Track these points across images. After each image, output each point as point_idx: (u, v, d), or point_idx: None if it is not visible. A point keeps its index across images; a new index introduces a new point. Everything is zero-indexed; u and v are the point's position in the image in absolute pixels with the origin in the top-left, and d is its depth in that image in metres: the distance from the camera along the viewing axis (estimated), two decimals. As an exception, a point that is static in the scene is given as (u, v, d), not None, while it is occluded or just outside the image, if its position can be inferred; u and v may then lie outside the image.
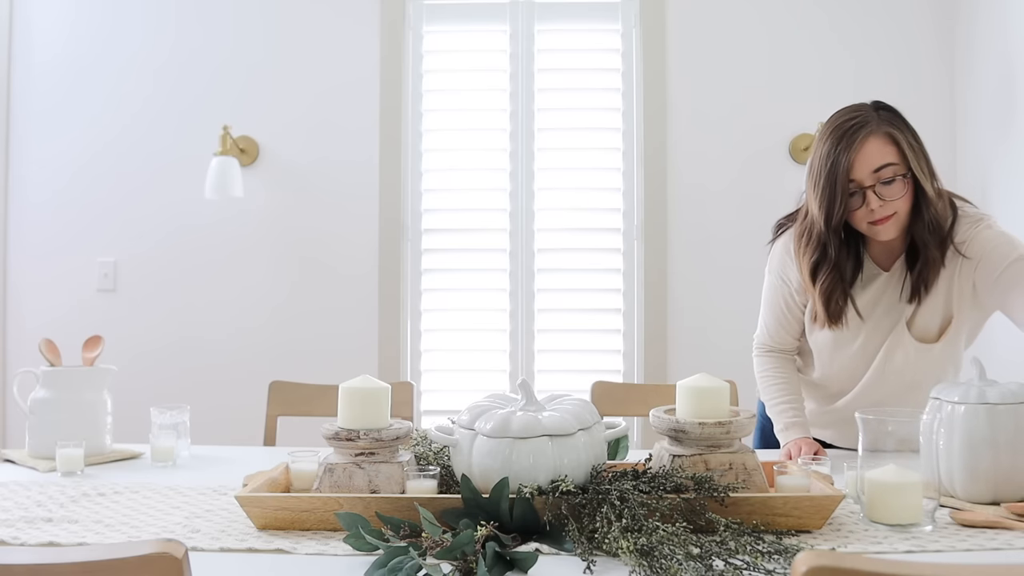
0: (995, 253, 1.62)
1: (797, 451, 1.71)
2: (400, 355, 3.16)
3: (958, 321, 1.70)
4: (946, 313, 1.69)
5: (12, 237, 3.25)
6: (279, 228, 3.20)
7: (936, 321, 1.70)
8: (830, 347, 1.79)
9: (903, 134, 1.62)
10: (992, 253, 1.63)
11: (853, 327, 1.73)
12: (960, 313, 1.69)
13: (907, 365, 1.72)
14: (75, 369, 1.91)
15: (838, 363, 1.80)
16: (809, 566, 0.74)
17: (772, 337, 1.90)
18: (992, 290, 1.64)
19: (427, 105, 3.19)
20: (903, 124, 1.64)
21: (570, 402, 1.41)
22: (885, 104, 1.67)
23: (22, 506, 1.45)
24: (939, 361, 1.73)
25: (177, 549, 0.81)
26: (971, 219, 1.69)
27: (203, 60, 3.22)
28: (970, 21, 3.01)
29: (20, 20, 3.26)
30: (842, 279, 1.70)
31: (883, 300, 1.73)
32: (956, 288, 1.67)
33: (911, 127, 1.65)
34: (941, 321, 1.70)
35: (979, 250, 1.64)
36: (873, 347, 1.74)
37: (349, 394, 1.40)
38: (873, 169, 1.60)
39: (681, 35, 3.16)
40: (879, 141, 1.61)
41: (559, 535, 1.21)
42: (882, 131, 1.61)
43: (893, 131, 1.61)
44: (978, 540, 1.22)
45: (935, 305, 1.69)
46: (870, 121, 1.62)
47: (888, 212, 1.62)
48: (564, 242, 3.16)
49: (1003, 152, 2.79)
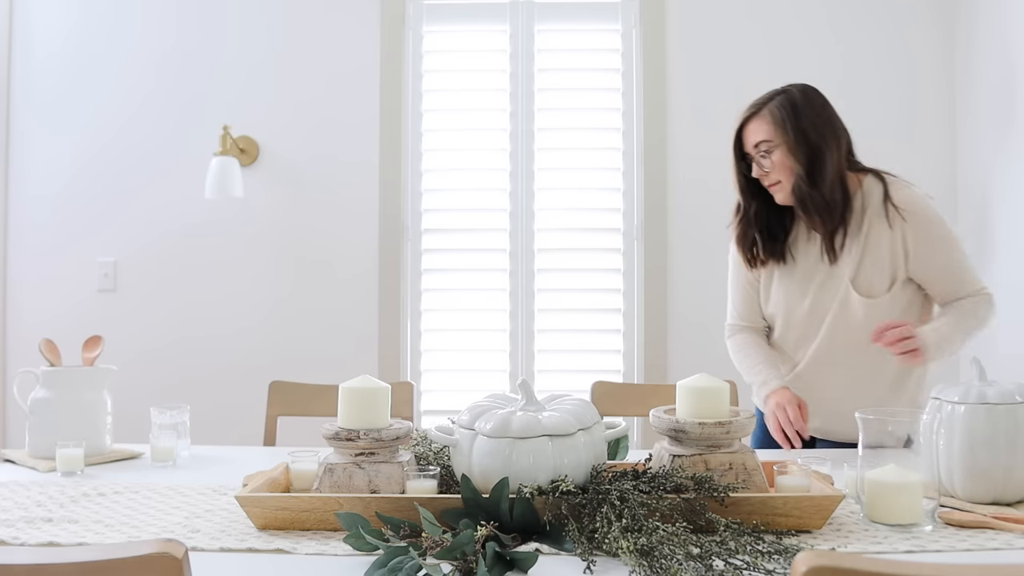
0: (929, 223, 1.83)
1: (776, 405, 1.84)
2: (400, 355, 3.16)
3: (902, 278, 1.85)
4: (892, 271, 1.85)
5: (12, 237, 3.25)
6: (279, 228, 3.20)
7: (880, 278, 1.85)
8: (784, 310, 1.96)
9: (789, 117, 1.84)
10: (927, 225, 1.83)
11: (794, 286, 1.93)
12: (900, 270, 1.85)
13: (857, 321, 1.86)
14: (75, 369, 1.91)
15: (795, 323, 1.95)
16: (809, 566, 0.74)
17: (741, 316, 2.06)
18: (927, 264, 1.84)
19: (427, 105, 3.19)
20: (797, 111, 1.85)
21: (570, 402, 1.41)
22: (799, 89, 1.89)
23: (22, 506, 1.45)
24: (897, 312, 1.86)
25: (177, 549, 0.81)
26: (901, 184, 1.91)
27: (203, 60, 3.22)
28: (970, 21, 3.01)
29: (20, 19, 3.26)
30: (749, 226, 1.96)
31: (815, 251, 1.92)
32: (899, 246, 1.84)
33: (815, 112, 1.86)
34: (886, 278, 1.85)
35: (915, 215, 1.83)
36: (823, 306, 1.90)
37: (349, 394, 1.41)
38: (753, 144, 1.88)
39: (681, 35, 3.16)
40: (760, 121, 1.87)
41: (559, 535, 1.21)
42: (766, 112, 1.87)
43: (779, 115, 1.85)
44: (978, 540, 1.22)
45: (879, 263, 1.85)
46: (764, 103, 1.88)
47: (772, 180, 1.88)
48: (564, 242, 3.16)
49: (1003, 152, 2.79)
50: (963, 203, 3.07)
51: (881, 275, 1.85)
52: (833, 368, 1.91)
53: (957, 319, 1.83)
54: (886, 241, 1.84)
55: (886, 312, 1.85)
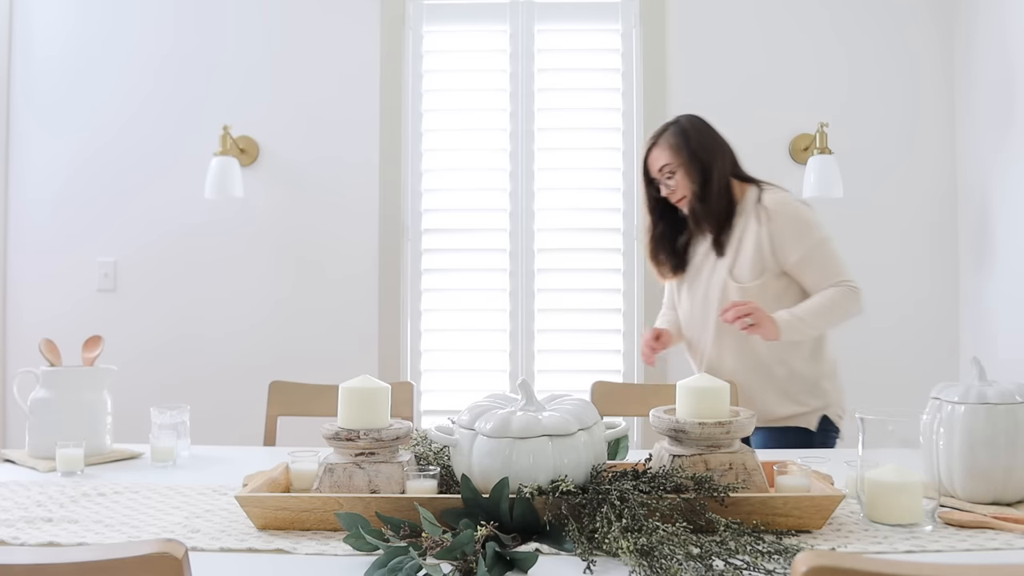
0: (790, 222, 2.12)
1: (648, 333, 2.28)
2: (400, 355, 3.16)
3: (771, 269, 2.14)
4: (760, 261, 2.14)
5: (12, 237, 3.25)
6: (279, 228, 3.20)
7: (751, 268, 2.15)
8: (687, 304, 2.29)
9: (683, 144, 2.17)
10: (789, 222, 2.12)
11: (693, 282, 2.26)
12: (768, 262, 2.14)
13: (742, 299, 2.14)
14: (75, 369, 1.91)
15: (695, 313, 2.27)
16: (809, 566, 0.74)
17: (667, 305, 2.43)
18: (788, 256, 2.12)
19: (427, 105, 3.19)
20: (687, 136, 2.18)
21: (570, 402, 1.41)
22: (687, 119, 2.22)
23: (22, 506, 1.45)
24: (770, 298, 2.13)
25: (177, 549, 0.81)
26: (774, 190, 2.20)
27: (203, 60, 3.22)
28: (970, 21, 3.01)
29: (20, 19, 3.26)
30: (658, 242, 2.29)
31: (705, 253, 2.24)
32: (765, 240, 2.13)
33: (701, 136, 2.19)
34: (756, 268, 2.14)
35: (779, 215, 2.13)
36: (712, 295, 2.21)
37: (349, 394, 1.41)
38: (657, 168, 2.21)
39: (681, 35, 3.16)
40: (660, 149, 2.20)
41: (559, 535, 1.21)
42: (664, 142, 2.20)
43: (673, 141, 2.18)
44: (978, 540, 1.22)
45: (749, 254, 2.15)
46: (660, 134, 2.22)
47: (677, 196, 2.21)
48: (564, 242, 3.16)
49: (1003, 152, 2.79)
50: (963, 203, 3.07)
51: (751, 265, 2.15)
52: (727, 351, 2.20)
53: (815, 302, 2.11)
54: (754, 236, 2.15)
55: (758, 297, 2.12)
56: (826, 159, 2.95)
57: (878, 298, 3.13)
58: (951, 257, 3.11)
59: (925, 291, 3.12)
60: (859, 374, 3.11)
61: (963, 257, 3.07)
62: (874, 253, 3.12)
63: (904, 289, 3.12)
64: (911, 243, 3.12)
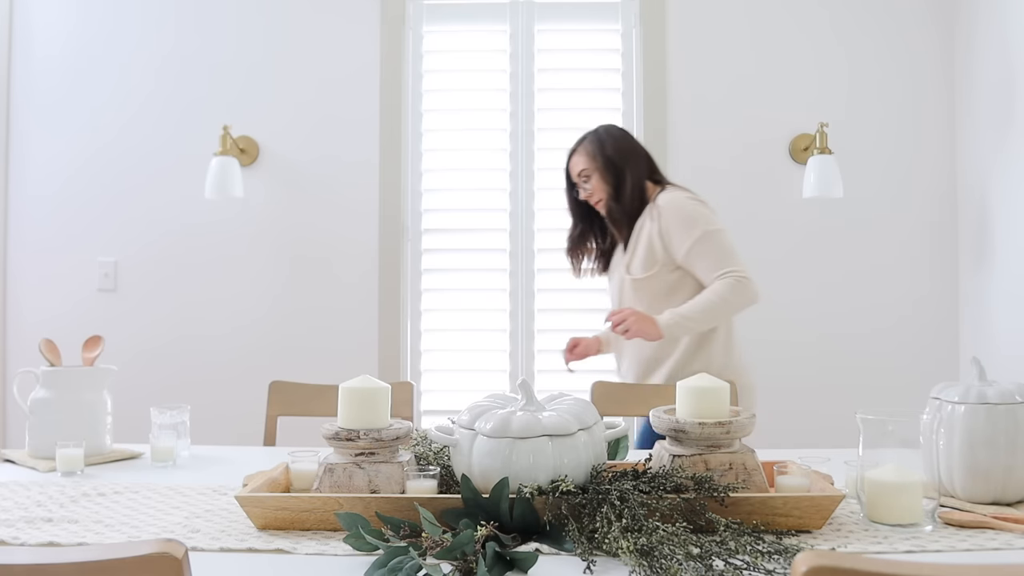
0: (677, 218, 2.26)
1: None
2: (400, 355, 3.16)
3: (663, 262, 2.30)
4: (653, 256, 2.30)
5: (12, 237, 3.25)
6: (279, 228, 3.20)
7: (644, 262, 2.32)
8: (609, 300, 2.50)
9: (599, 151, 2.36)
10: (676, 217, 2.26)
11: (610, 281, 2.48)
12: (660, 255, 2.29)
13: (630, 298, 2.36)
14: (75, 369, 1.91)
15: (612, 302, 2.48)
16: (809, 566, 0.74)
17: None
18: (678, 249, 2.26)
19: (427, 105, 3.19)
20: (603, 143, 2.36)
21: (570, 402, 1.41)
22: (604, 128, 2.41)
23: (22, 506, 1.45)
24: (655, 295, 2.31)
25: (177, 549, 0.81)
26: (672, 189, 2.35)
27: (203, 60, 3.22)
28: (970, 21, 3.01)
29: (20, 18, 3.26)
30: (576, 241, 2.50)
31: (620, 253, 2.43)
32: (656, 236, 2.29)
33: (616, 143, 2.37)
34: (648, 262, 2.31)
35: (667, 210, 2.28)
36: (615, 289, 2.44)
37: (349, 394, 1.40)
38: (576, 173, 2.40)
39: (681, 35, 3.16)
40: (578, 155, 2.40)
41: (559, 535, 1.21)
42: (583, 149, 2.39)
43: (590, 149, 2.37)
44: (978, 540, 1.22)
45: (643, 249, 2.32)
46: (580, 142, 2.41)
47: (594, 199, 2.39)
48: (564, 242, 3.15)
49: (1003, 152, 2.79)
50: (963, 203, 3.07)
51: (644, 260, 2.32)
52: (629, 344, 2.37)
53: (700, 298, 2.23)
54: (647, 233, 2.31)
55: (650, 290, 2.31)
56: (826, 159, 2.95)
57: (878, 298, 3.13)
58: (951, 257, 3.11)
59: (925, 291, 3.12)
60: (859, 374, 3.11)
61: (963, 257, 3.07)
62: (874, 253, 3.12)
63: (904, 289, 3.12)
64: (911, 243, 3.12)
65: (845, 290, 3.12)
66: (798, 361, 3.11)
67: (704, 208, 2.32)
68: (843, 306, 3.12)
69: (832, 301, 3.12)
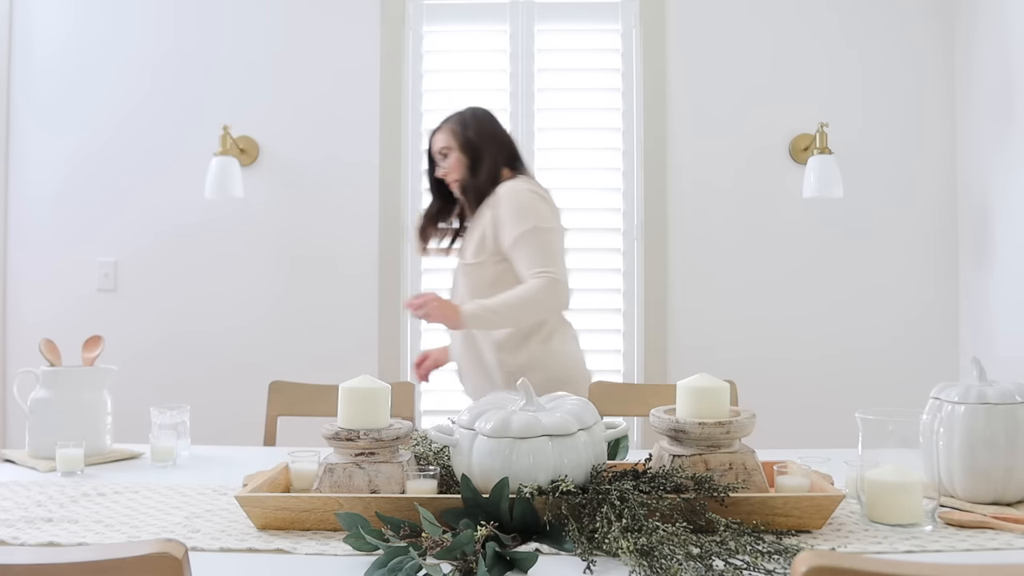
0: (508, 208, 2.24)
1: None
2: (400, 355, 3.16)
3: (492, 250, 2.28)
4: (483, 243, 2.29)
5: (12, 236, 3.25)
6: (279, 228, 3.20)
7: (475, 248, 2.30)
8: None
9: (460, 131, 2.36)
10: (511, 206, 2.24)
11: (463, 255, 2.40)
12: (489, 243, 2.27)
13: (461, 282, 2.35)
14: (75, 369, 1.91)
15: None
16: (809, 566, 0.74)
17: None
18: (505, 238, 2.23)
19: (427, 105, 3.19)
20: (466, 124, 2.37)
21: (570, 402, 1.41)
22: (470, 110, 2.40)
23: (22, 506, 1.45)
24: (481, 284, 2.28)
25: (177, 549, 0.81)
26: (520, 180, 2.33)
27: (203, 60, 3.22)
28: (970, 21, 3.01)
29: (20, 19, 3.26)
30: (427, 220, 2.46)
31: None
32: (489, 224, 2.28)
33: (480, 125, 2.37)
34: (479, 249, 2.29)
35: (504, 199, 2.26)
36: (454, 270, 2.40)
37: (349, 394, 1.41)
38: (437, 149, 2.39)
39: (681, 35, 3.16)
40: (441, 132, 2.39)
41: (559, 535, 1.21)
42: (446, 126, 2.38)
43: (453, 128, 2.37)
44: (978, 540, 1.22)
45: (476, 236, 2.31)
46: (446, 120, 2.40)
47: (450, 176, 2.37)
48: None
49: (1003, 152, 2.79)
50: (963, 203, 3.07)
51: (475, 246, 2.31)
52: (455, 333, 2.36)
53: (509, 293, 2.19)
54: (483, 220, 2.30)
55: (476, 277, 2.30)
56: (826, 159, 2.95)
57: (878, 298, 3.13)
58: (951, 257, 3.11)
59: (925, 290, 3.12)
60: (859, 373, 3.11)
61: (963, 257, 3.07)
62: (874, 253, 3.12)
63: (904, 289, 3.12)
64: (911, 242, 3.12)
65: (845, 290, 3.12)
66: (798, 360, 3.11)
67: (543, 204, 2.29)
68: (843, 306, 3.12)
69: (832, 301, 3.12)
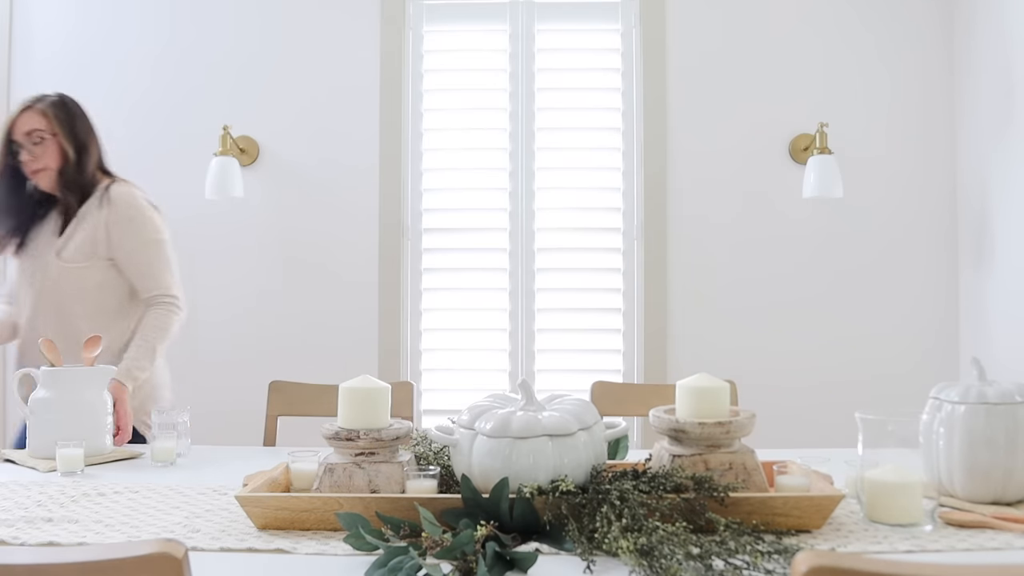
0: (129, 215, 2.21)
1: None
2: (400, 355, 3.16)
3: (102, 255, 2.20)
4: (92, 246, 2.18)
5: (12, 237, 3.25)
6: (279, 228, 3.20)
7: (81, 250, 2.18)
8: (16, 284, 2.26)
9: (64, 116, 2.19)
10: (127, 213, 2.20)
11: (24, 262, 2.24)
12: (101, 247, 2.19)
13: (57, 283, 2.19)
14: (75, 369, 1.91)
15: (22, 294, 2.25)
16: (809, 566, 0.74)
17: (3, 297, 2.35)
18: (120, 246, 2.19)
19: (427, 105, 3.19)
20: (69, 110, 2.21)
21: (570, 402, 1.41)
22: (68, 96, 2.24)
23: (22, 506, 1.45)
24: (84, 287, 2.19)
25: (177, 549, 0.81)
26: (126, 184, 2.28)
27: (203, 60, 3.22)
28: (970, 21, 3.01)
29: (20, 19, 3.26)
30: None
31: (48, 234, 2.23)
32: (102, 226, 2.19)
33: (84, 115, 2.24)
34: (86, 251, 2.18)
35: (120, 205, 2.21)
36: (37, 270, 2.21)
37: (349, 394, 1.41)
38: (25, 131, 2.16)
39: (681, 35, 3.16)
40: (35, 114, 2.17)
41: (559, 535, 1.21)
42: (43, 108, 2.18)
43: (54, 112, 2.18)
44: (978, 540, 1.22)
45: (82, 238, 2.18)
46: (39, 100, 2.20)
47: (39, 164, 2.18)
48: (564, 242, 3.16)
49: (1003, 152, 2.79)
50: (963, 203, 3.07)
51: (81, 248, 2.18)
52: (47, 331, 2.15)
53: (142, 338, 2.18)
54: (92, 221, 2.19)
55: (79, 280, 2.18)
56: (826, 159, 2.95)
57: (878, 297, 3.13)
58: (951, 257, 3.11)
59: (925, 290, 3.12)
60: (859, 373, 3.11)
61: (963, 257, 3.07)
62: (874, 252, 3.12)
63: (904, 288, 3.12)
64: (911, 242, 3.12)
65: (845, 290, 3.12)
66: (798, 360, 3.11)
67: (157, 214, 2.29)
68: (843, 305, 3.12)
69: (832, 300, 3.12)
